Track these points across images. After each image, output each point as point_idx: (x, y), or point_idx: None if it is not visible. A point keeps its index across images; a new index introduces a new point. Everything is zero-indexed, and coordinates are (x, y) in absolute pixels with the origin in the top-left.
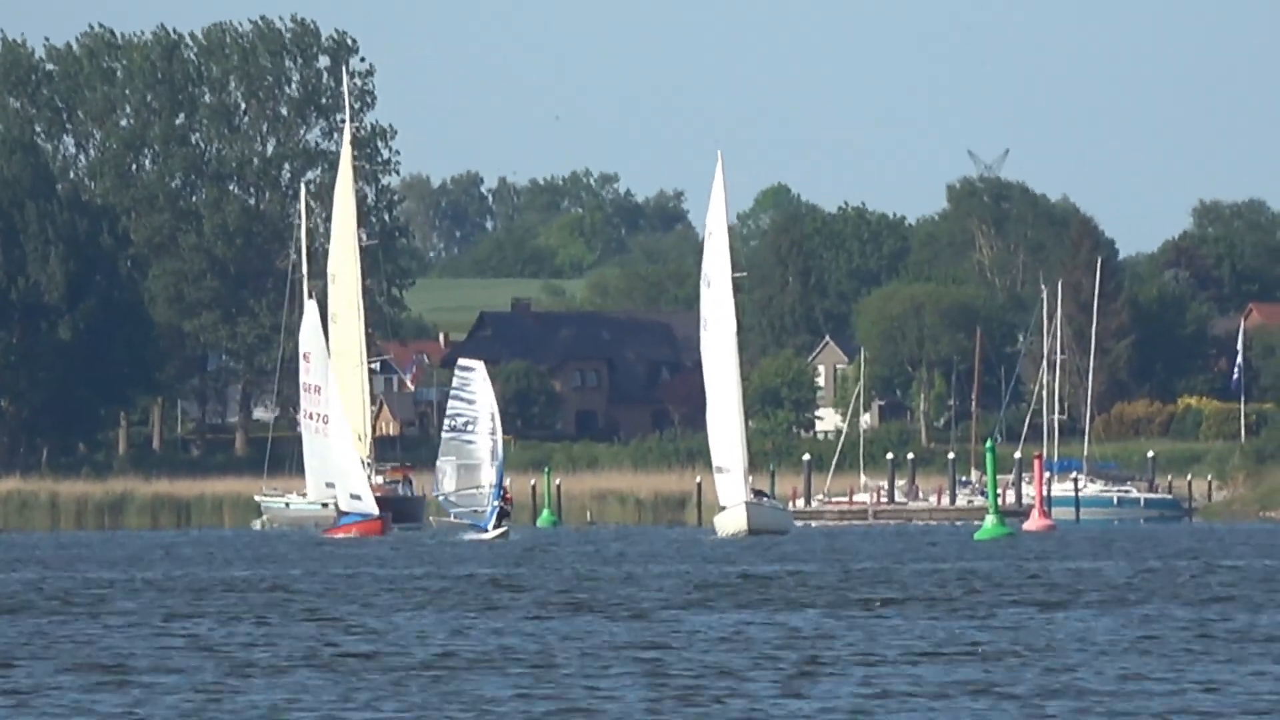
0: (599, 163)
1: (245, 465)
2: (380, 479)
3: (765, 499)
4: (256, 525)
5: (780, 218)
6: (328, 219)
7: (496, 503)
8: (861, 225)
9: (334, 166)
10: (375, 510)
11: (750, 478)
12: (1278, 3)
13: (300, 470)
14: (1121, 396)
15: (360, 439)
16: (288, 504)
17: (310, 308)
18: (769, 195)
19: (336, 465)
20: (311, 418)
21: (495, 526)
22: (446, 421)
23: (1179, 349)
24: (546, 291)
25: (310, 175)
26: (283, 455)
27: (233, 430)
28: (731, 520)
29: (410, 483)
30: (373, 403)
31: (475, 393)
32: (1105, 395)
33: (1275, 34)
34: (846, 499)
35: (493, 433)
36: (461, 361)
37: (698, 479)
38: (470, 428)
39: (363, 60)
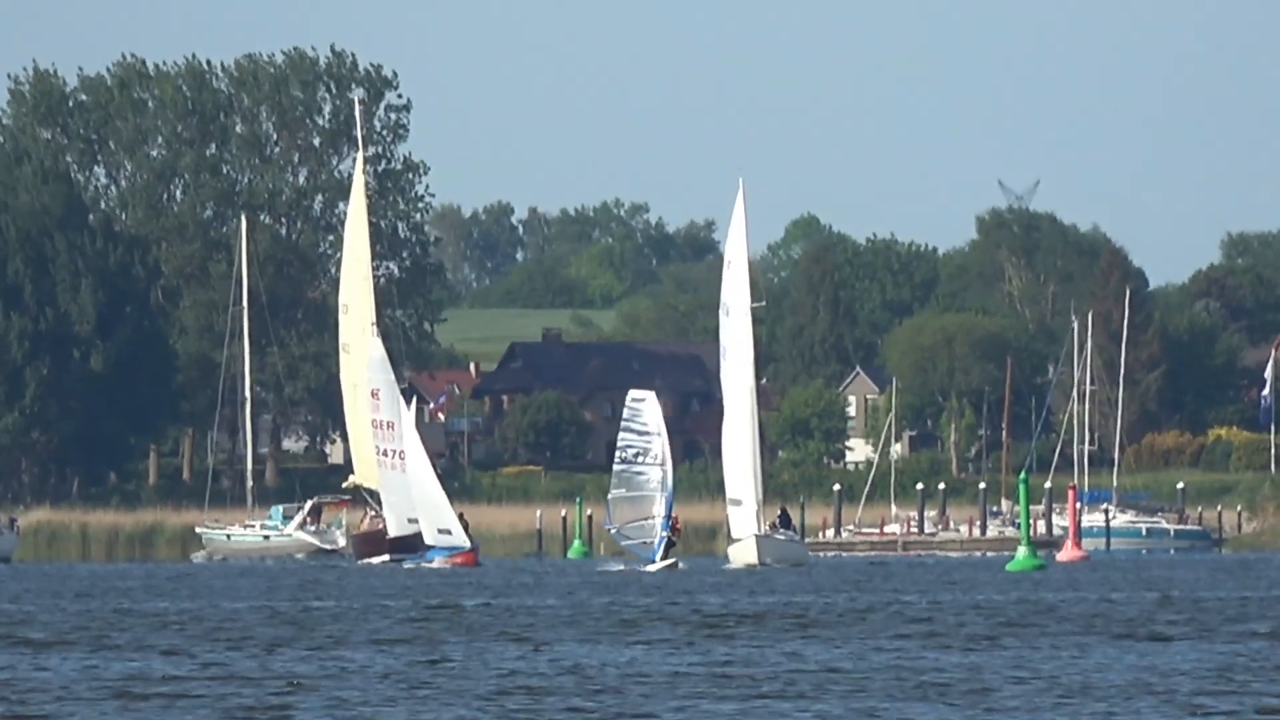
0: (629, 192)
1: (274, 496)
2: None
3: (783, 531)
4: (198, 558)
5: (812, 248)
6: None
7: (664, 533)
8: (891, 256)
9: (366, 197)
10: (467, 543)
11: (766, 508)
12: None
13: (241, 502)
14: (1152, 427)
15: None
16: (229, 536)
17: (375, 344)
18: (799, 226)
19: (421, 500)
20: (386, 454)
21: (663, 557)
22: (617, 454)
23: (1209, 380)
24: (575, 322)
25: (341, 206)
26: (224, 488)
27: (264, 461)
28: (743, 552)
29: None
30: None
31: (646, 424)
32: (1136, 426)
33: None
34: (877, 530)
35: (662, 463)
36: (633, 393)
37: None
38: (641, 459)
39: (400, 95)
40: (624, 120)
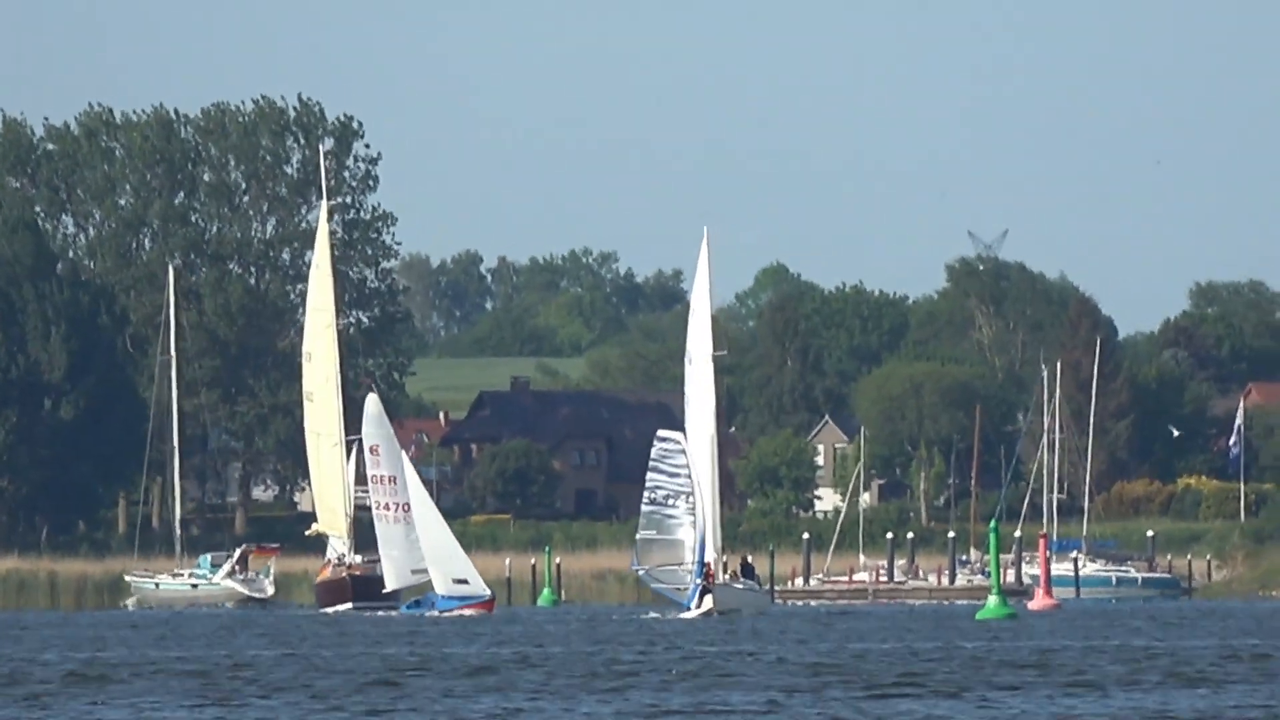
0: (598, 242)
1: (235, 545)
2: (359, 558)
3: (743, 580)
4: (128, 605)
5: (776, 296)
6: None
7: (699, 580)
8: (861, 303)
9: (334, 249)
10: (486, 592)
11: (730, 557)
12: (1272, 86)
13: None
14: (1121, 476)
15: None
16: (157, 585)
17: (371, 400)
18: (768, 274)
19: (433, 550)
20: (388, 508)
21: (698, 605)
22: (646, 494)
23: (1178, 428)
24: (541, 371)
25: (309, 256)
26: (153, 538)
27: (233, 509)
28: (714, 601)
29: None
30: (360, 482)
31: (677, 465)
32: (1105, 474)
33: (1270, 114)
34: (846, 578)
35: (692, 508)
36: (663, 433)
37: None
38: (672, 501)
39: (368, 146)
40: (593, 169)
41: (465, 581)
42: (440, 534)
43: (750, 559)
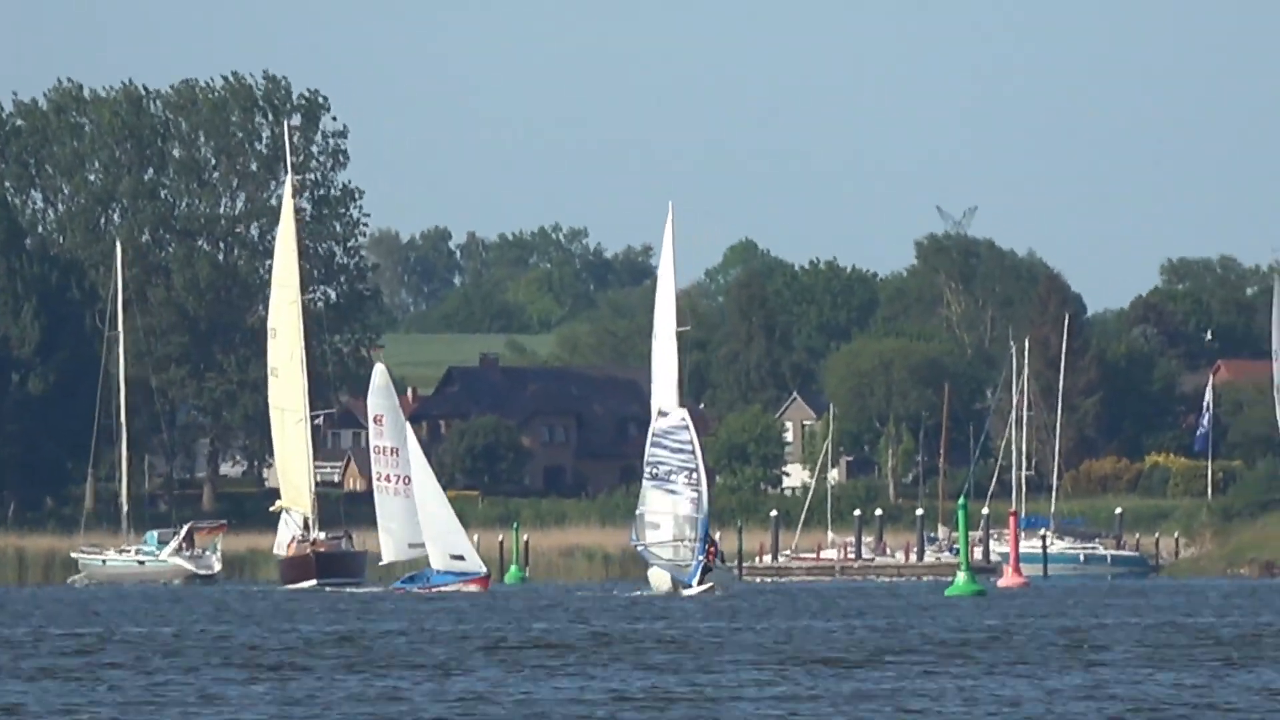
0: (568, 218)
1: (213, 520)
2: (323, 534)
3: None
4: (75, 581)
5: (744, 273)
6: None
7: (701, 558)
8: (833, 279)
9: (302, 224)
10: (482, 568)
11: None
12: (1244, 62)
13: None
14: (1089, 453)
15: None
16: (104, 561)
17: (379, 370)
18: (737, 251)
19: (431, 525)
20: (389, 480)
21: (700, 582)
22: (647, 469)
23: (1147, 406)
24: (510, 348)
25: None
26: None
27: (200, 485)
28: (659, 579)
29: (351, 538)
30: (339, 458)
31: (680, 441)
32: (1073, 452)
33: (1244, 91)
34: (814, 555)
35: (696, 484)
36: (663, 408)
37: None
38: (673, 477)
39: (335, 119)
40: (562, 145)
41: (462, 558)
42: (439, 509)
43: (714, 536)
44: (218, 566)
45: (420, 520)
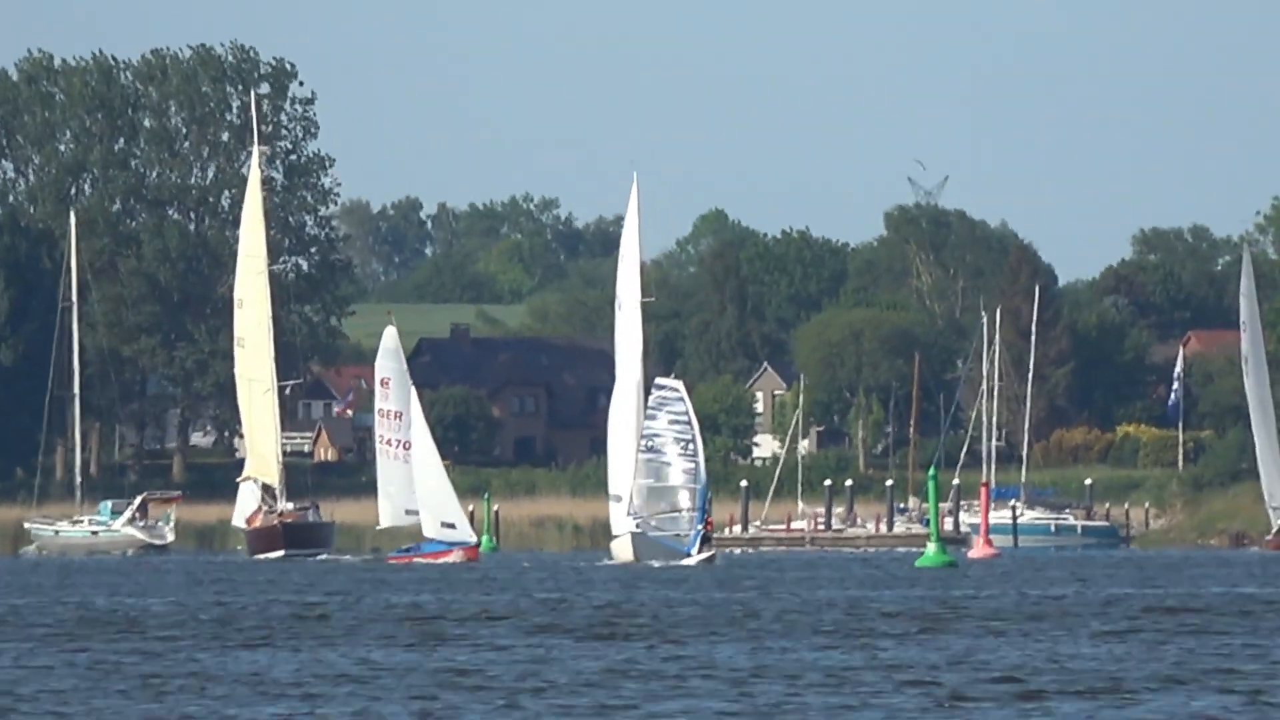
0: (539, 188)
1: (183, 490)
2: (290, 505)
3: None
4: (29, 552)
5: (717, 243)
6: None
7: (700, 527)
8: (805, 249)
9: (273, 194)
10: (472, 538)
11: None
12: (1216, 33)
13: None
14: (1060, 423)
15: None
16: (57, 532)
17: (389, 333)
18: (707, 221)
19: (426, 492)
20: (390, 444)
21: (699, 551)
22: (643, 442)
23: (1118, 376)
24: (480, 318)
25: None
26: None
27: (171, 455)
28: (620, 549)
29: (318, 508)
30: (310, 428)
31: (677, 413)
32: (1044, 422)
33: (1215, 62)
34: (784, 526)
35: (693, 455)
36: (659, 381)
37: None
38: (665, 449)
39: (302, 85)
40: (533, 115)
41: (453, 525)
42: (434, 476)
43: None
44: (171, 537)
45: (416, 486)
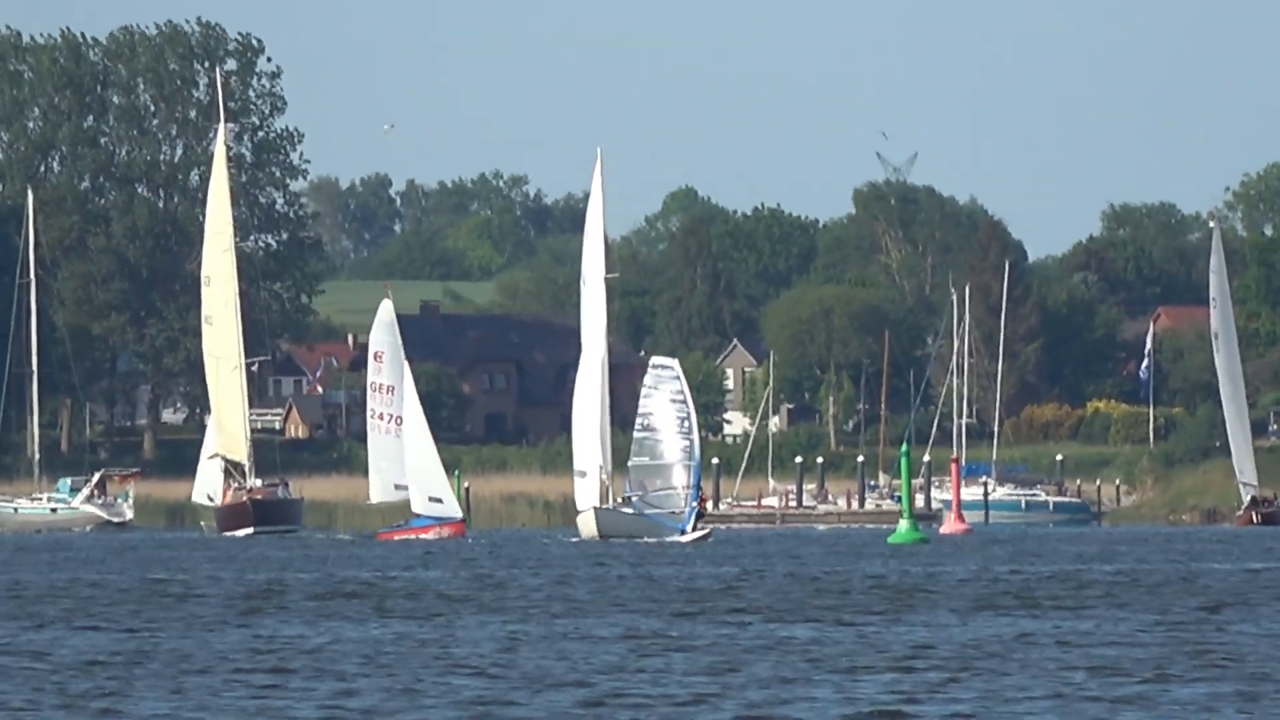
0: (508, 165)
1: (153, 467)
2: (259, 482)
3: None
4: None
5: (688, 220)
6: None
7: (695, 504)
8: (774, 225)
9: (242, 170)
10: (458, 513)
11: (620, 481)
12: (1184, 12)
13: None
14: (1030, 400)
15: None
16: (16, 509)
17: (385, 306)
18: (677, 198)
19: (414, 467)
20: (382, 418)
21: (694, 528)
22: (639, 420)
23: (1088, 352)
24: (448, 295)
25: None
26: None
27: (141, 432)
28: (585, 525)
29: (287, 485)
30: (280, 405)
31: (674, 391)
32: (1014, 399)
33: (1183, 38)
34: (755, 503)
35: (688, 432)
36: (655, 359)
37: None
38: (661, 427)
39: (269, 60)
40: (502, 92)
41: (440, 500)
42: (423, 452)
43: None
44: (130, 514)
45: (405, 461)
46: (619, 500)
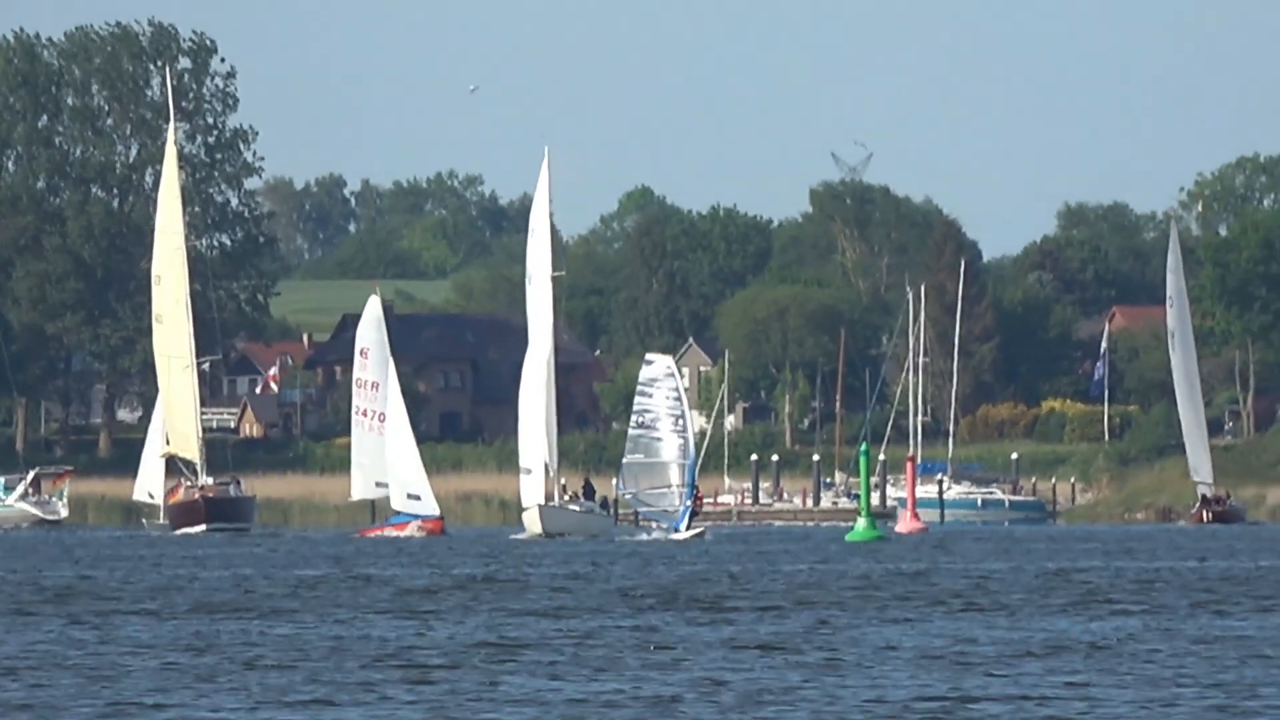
0: (463, 164)
1: (109, 466)
2: (210, 480)
3: (581, 502)
4: None
5: (643, 219)
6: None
7: (689, 502)
8: (730, 225)
9: (196, 170)
10: (436, 510)
11: (571, 478)
12: (1137, 11)
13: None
14: (986, 399)
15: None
16: None
17: (372, 303)
18: (633, 198)
19: (394, 464)
20: (366, 414)
21: (689, 527)
22: (634, 418)
23: (1043, 352)
24: (400, 296)
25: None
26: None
27: (96, 431)
28: (529, 521)
29: (239, 483)
30: (235, 404)
31: (668, 389)
32: (970, 398)
33: (1140, 37)
34: (711, 501)
35: (682, 431)
36: (650, 356)
37: (562, 480)
38: (657, 424)
39: (223, 61)
40: (456, 92)
41: (418, 497)
42: (404, 450)
43: (592, 481)
44: (64, 512)
45: (387, 457)
46: (565, 498)
